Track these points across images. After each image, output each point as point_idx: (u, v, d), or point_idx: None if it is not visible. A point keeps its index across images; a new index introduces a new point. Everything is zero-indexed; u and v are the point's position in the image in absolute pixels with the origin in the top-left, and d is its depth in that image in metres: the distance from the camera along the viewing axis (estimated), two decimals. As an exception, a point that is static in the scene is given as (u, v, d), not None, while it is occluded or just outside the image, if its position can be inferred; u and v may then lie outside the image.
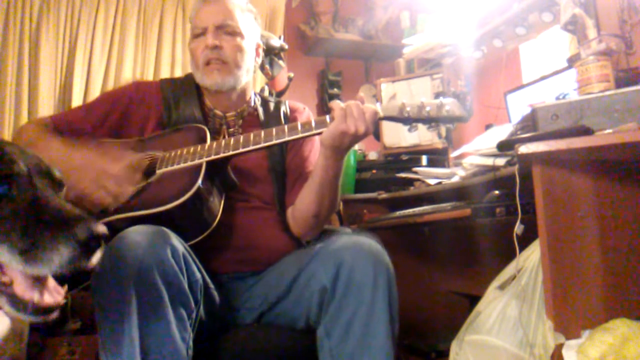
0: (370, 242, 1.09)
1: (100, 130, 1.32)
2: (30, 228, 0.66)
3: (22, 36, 2.47)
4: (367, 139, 2.79)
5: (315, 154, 1.36)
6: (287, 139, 1.15)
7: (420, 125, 1.23)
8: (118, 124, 1.33)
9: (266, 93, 2.38)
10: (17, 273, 0.68)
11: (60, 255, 0.65)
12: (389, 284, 1.04)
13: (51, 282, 0.72)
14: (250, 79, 1.38)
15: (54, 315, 0.71)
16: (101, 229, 0.68)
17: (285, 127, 1.17)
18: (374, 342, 0.99)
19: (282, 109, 1.42)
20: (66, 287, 0.74)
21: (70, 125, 1.32)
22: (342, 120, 1.11)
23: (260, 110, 1.40)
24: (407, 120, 1.18)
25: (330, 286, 1.04)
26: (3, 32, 2.45)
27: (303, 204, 1.25)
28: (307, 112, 1.46)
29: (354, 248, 1.06)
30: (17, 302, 0.69)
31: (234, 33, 1.31)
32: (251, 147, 1.15)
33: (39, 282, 0.71)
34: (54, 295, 0.71)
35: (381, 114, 1.17)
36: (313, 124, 1.16)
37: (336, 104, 1.14)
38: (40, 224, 0.67)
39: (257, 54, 1.42)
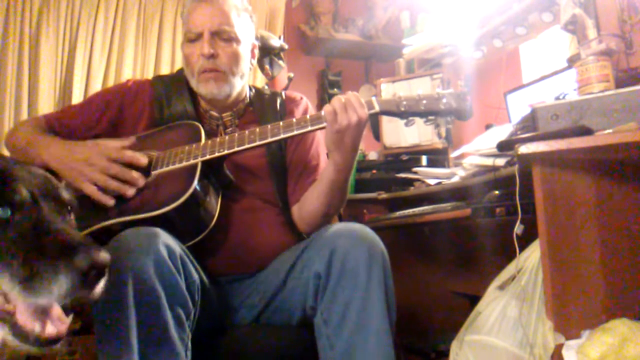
0: (363, 229, 1.09)
1: (95, 129, 1.32)
2: (31, 256, 0.64)
3: (22, 36, 2.47)
4: (367, 139, 2.79)
5: (316, 147, 1.35)
6: (282, 136, 1.14)
7: (419, 123, 1.21)
8: (113, 123, 1.32)
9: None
10: (20, 302, 0.66)
11: (60, 286, 0.62)
12: (384, 268, 1.04)
13: (56, 311, 0.69)
14: (246, 81, 1.36)
15: (57, 345, 0.68)
16: (103, 257, 0.65)
17: (280, 123, 1.16)
18: (371, 326, 0.99)
19: (278, 100, 1.39)
20: (72, 315, 0.71)
21: (64, 125, 1.32)
22: (334, 120, 1.10)
23: (256, 104, 1.38)
24: (404, 114, 1.17)
25: (324, 272, 1.04)
26: (3, 32, 2.45)
27: (312, 205, 1.24)
28: (304, 102, 1.42)
29: (348, 234, 1.06)
30: (18, 332, 0.67)
31: (230, 39, 1.26)
32: (246, 146, 1.15)
33: (42, 311, 0.68)
34: (58, 325, 0.68)
35: (377, 109, 1.15)
36: (309, 121, 1.15)
37: (326, 109, 1.12)
38: (41, 252, 0.64)
39: (253, 55, 1.38)
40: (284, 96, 1.41)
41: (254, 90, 1.42)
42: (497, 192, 1.49)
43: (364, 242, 1.05)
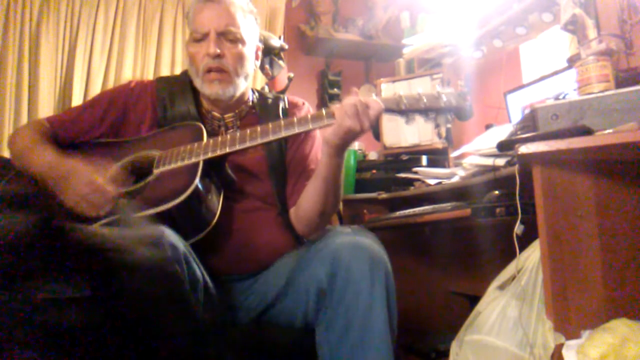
0: (367, 241, 1.09)
1: (98, 130, 1.32)
2: None
3: (22, 36, 2.48)
4: (367, 139, 2.79)
5: (316, 151, 1.35)
6: (283, 134, 1.15)
7: (420, 123, 1.23)
8: (116, 124, 1.33)
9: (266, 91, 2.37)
10: None
11: None
12: (387, 281, 1.04)
13: None
14: (249, 82, 1.37)
15: None
16: None
17: (282, 121, 1.17)
18: (373, 340, 0.99)
19: (281, 104, 1.40)
20: None
21: (67, 126, 1.33)
22: (344, 119, 1.10)
23: (258, 108, 1.39)
24: (404, 112, 1.18)
25: (327, 285, 1.04)
26: (3, 32, 2.45)
27: (308, 204, 1.24)
28: (306, 108, 1.43)
29: (351, 246, 1.06)
30: None
31: (236, 40, 1.27)
32: (248, 144, 1.15)
33: None
34: None
35: (382, 107, 1.16)
36: (310, 119, 1.15)
37: (336, 107, 1.13)
38: None
39: (257, 57, 1.39)
40: (286, 101, 1.42)
41: (257, 94, 1.43)
42: (497, 192, 1.49)
43: (368, 255, 1.05)
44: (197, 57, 1.27)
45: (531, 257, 1.21)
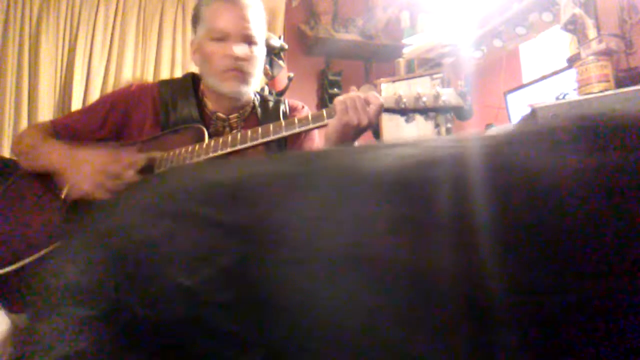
0: None
1: (100, 133, 1.33)
2: None
3: (22, 36, 2.48)
4: (367, 139, 2.79)
5: None
6: (284, 134, 1.16)
7: (420, 123, 1.23)
8: (117, 126, 1.34)
9: (266, 93, 2.38)
10: None
11: None
12: None
13: None
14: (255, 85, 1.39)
15: None
16: None
17: (283, 122, 1.19)
18: None
19: (282, 108, 1.42)
20: None
21: (70, 129, 1.33)
22: (344, 112, 1.12)
23: (260, 109, 1.41)
24: (404, 111, 1.20)
25: None
26: (3, 32, 2.45)
27: None
28: (305, 111, 1.44)
29: None
30: None
31: (254, 43, 1.29)
32: (249, 144, 1.16)
33: None
34: None
35: (381, 102, 1.18)
36: (310, 119, 1.16)
37: (337, 100, 1.15)
38: None
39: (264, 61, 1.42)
40: (287, 104, 1.44)
41: (258, 96, 1.44)
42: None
43: None
44: (216, 57, 1.27)
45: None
